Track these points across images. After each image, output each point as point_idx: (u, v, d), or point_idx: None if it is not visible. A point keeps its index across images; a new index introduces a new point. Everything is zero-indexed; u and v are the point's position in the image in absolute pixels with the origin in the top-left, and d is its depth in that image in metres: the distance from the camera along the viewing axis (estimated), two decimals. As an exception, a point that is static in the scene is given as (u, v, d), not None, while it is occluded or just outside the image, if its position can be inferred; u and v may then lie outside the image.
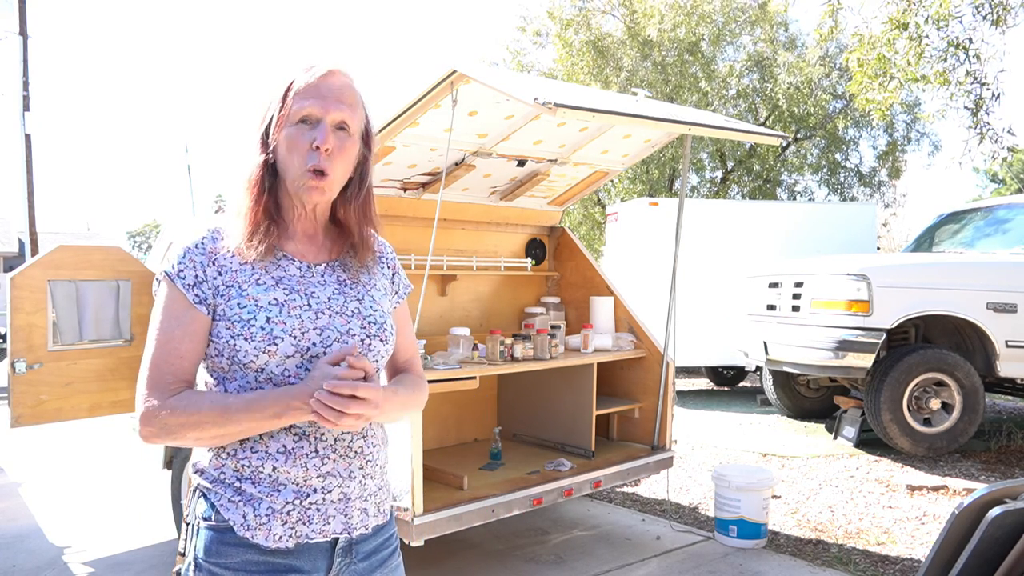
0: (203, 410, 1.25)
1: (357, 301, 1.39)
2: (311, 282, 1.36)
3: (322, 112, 1.30)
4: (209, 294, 1.30)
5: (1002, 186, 24.33)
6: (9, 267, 27.26)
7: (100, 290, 4.07)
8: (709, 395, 9.49)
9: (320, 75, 1.31)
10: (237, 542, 1.28)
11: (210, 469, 1.33)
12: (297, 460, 1.30)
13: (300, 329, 1.30)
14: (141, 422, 1.26)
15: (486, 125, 3.81)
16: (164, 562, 3.99)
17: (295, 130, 1.30)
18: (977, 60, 6.58)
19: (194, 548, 1.31)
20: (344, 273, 1.41)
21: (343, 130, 1.33)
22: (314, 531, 1.31)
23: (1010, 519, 1.74)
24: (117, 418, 4.42)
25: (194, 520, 1.32)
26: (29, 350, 3.84)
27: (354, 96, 1.35)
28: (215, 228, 1.35)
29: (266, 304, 1.29)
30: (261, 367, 1.28)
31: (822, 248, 8.40)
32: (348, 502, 1.35)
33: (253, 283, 1.31)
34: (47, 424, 3.99)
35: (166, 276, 1.31)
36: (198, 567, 1.29)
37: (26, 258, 12.06)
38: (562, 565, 3.86)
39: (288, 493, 1.29)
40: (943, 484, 5.04)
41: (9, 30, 12.34)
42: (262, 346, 1.27)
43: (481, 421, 4.60)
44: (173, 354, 1.28)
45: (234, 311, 1.29)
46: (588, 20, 13.88)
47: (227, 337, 1.28)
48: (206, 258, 1.31)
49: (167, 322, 1.29)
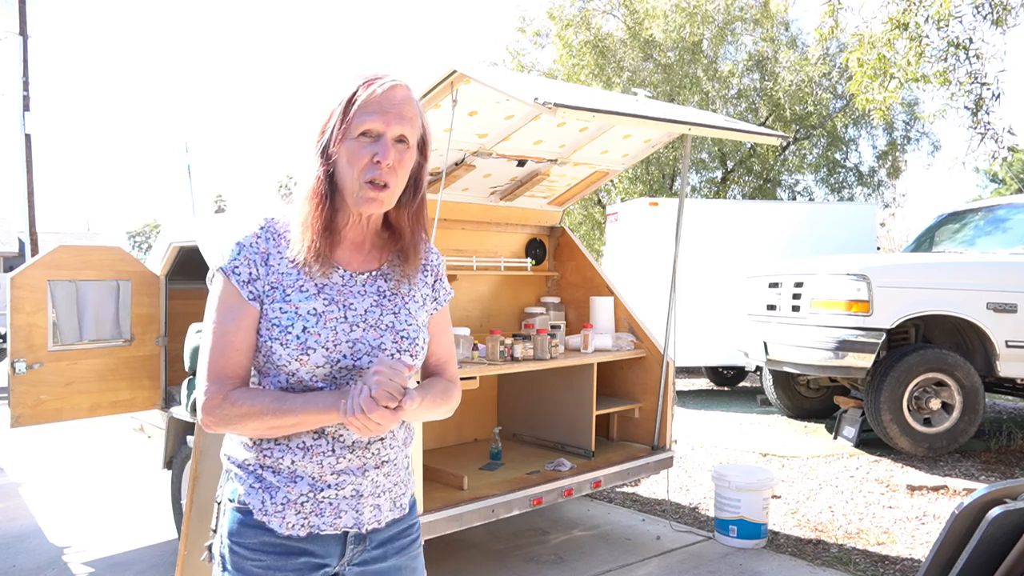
0: (264, 402, 1.31)
1: (393, 315, 1.42)
2: (351, 292, 1.40)
3: (384, 127, 1.33)
4: (260, 291, 1.36)
5: (1002, 186, 24.33)
6: (9, 267, 27.27)
7: (100, 290, 4.07)
8: (709, 395, 9.49)
9: (383, 91, 1.33)
10: (256, 524, 1.36)
11: (237, 456, 1.41)
12: (314, 457, 1.36)
13: (333, 341, 1.35)
14: (203, 412, 1.33)
15: (486, 125, 3.81)
16: (164, 562, 3.99)
17: (356, 143, 1.33)
18: (977, 60, 6.58)
19: (222, 526, 1.40)
20: (385, 283, 1.45)
21: (402, 143, 1.36)
22: (325, 523, 1.38)
23: (1010, 519, 1.74)
24: (117, 418, 4.43)
25: (223, 500, 1.42)
26: (29, 350, 3.84)
27: (414, 109, 1.38)
28: (267, 224, 1.39)
29: (305, 313, 1.35)
30: (292, 372, 1.35)
31: (822, 248, 8.39)
32: (360, 499, 1.40)
33: (296, 289, 1.36)
34: (47, 424, 3.99)
35: (221, 271, 1.36)
36: (224, 544, 1.39)
37: (26, 258, 12.07)
38: (562, 565, 3.86)
39: (303, 486, 1.36)
40: (943, 484, 5.04)
41: (9, 30, 12.34)
42: (295, 354, 1.33)
43: (481, 421, 4.60)
44: (229, 347, 1.34)
45: (275, 314, 1.35)
46: (588, 20, 13.87)
47: (265, 337, 1.35)
48: (259, 256, 1.37)
49: (222, 316, 1.35)
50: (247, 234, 1.38)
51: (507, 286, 4.75)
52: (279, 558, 1.36)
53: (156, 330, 4.32)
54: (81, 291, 4.00)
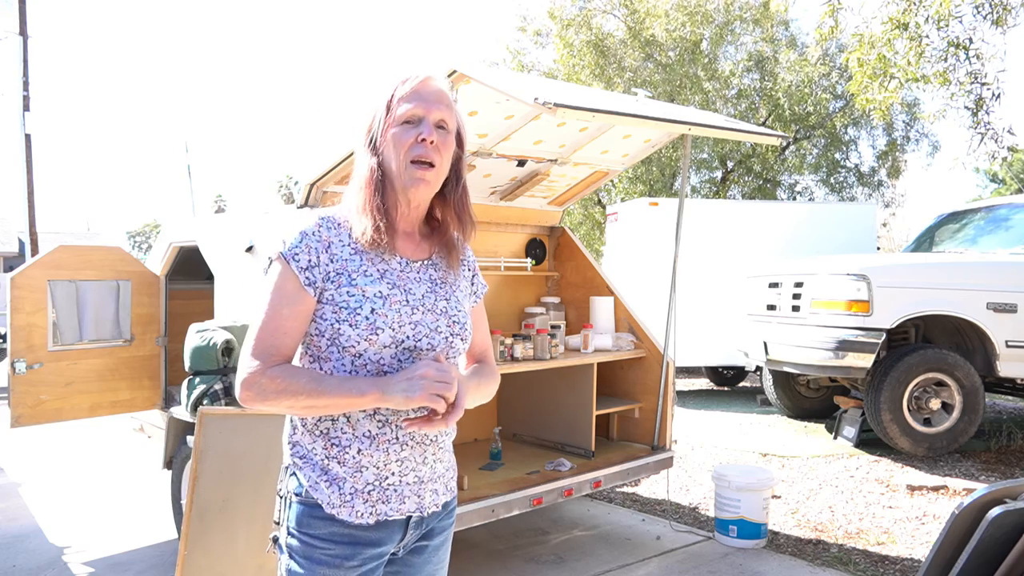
0: (300, 381, 1.36)
1: (445, 301, 1.51)
2: (409, 278, 1.48)
3: (424, 112, 1.44)
4: (319, 278, 1.41)
5: (1002, 186, 24.31)
6: (9, 267, 27.27)
7: (100, 290, 4.07)
8: (709, 395, 9.49)
9: (420, 81, 1.46)
10: (324, 516, 1.42)
11: (304, 444, 1.46)
12: (380, 445, 1.43)
13: (398, 323, 1.42)
14: (242, 386, 1.38)
15: (486, 125, 3.81)
16: (164, 562, 3.99)
17: (400, 129, 1.43)
18: (978, 60, 6.58)
19: (287, 519, 1.46)
20: (436, 272, 1.53)
21: (442, 128, 1.46)
22: (392, 509, 1.45)
23: (1010, 519, 1.74)
24: (117, 418, 4.43)
25: (287, 494, 1.47)
26: (29, 350, 3.84)
27: (449, 99, 1.49)
28: (328, 216, 1.46)
29: (372, 296, 1.42)
30: (360, 352, 1.41)
31: (822, 248, 8.39)
32: (422, 484, 1.49)
33: (361, 274, 1.43)
34: (47, 424, 3.99)
35: (280, 256, 1.42)
36: (291, 535, 1.45)
37: (26, 258, 12.06)
38: (562, 565, 3.86)
39: (369, 475, 1.43)
40: (943, 484, 5.04)
41: (9, 30, 12.35)
42: (364, 334, 1.39)
43: (481, 421, 4.60)
44: (279, 330, 1.39)
45: (343, 298, 1.41)
46: (589, 20, 13.87)
47: (332, 320, 1.40)
48: (320, 245, 1.42)
49: (276, 299, 1.40)
50: (309, 225, 1.44)
51: (507, 286, 4.75)
52: (347, 547, 1.42)
53: (156, 330, 4.32)
54: (81, 291, 4.00)
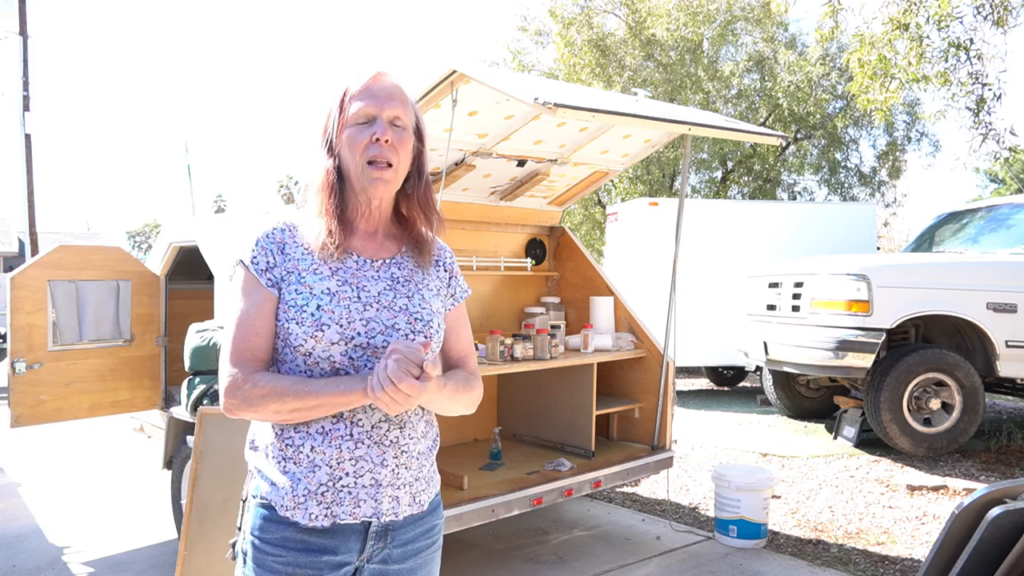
0: (284, 384, 1.35)
1: (407, 298, 1.47)
2: (364, 276, 1.45)
3: (377, 110, 1.42)
4: (278, 278, 1.42)
5: (1002, 186, 24.29)
6: (9, 267, 27.27)
7: (100, 290, 4.07)
8: (709, 395, 9.49)
9: (370, 78, 1.44)
10: (279, 520, 1.39)
11: (261, 446, 1.45)
12: (332, 441, 1.39)
13: (347, 319, 1.39)
14: (225, 395, 1.37)
15: (486, 125, 3.81)
16: (164, 562, 3.99)
17: (355, 130, 1.42)
18: (978, 60, 6.57)
19: (247, 523, 1.43)
20: (399, 271, 1.50)
21: (397, 125, 1.44)
22: (345, 512, 1.39)
23: (1010, 519, 1.74)
24: (117, 418, 4.42)
25: (247, 497, 1.45)
26: (29, 350, 3.84)
27: (403, 94, 1.46)
28: (283, 220, 1.47)
29: (319, 292, 1.40)
30: (308, 351, 1.38)
31: (822, 248, 8.39)
32: (379, 488, 1.41)
33: (311, 272, 1.42)
34: (47, 424, 3.99)
35: (241, 263, 1.43)
36: (247, 541, 1.42)
37: (26, 258, 12.05)
38: (562, 565, 3.86)
39: (322, 475, 1.38)
40: (943, 484, 5.04)
41: (9, 30, 12.34)
42: (310, 331, 1.37)
43: (481, 421, 4.60)
44: (250, 331, 1.39)
45: (291, 296, 1.40)
46: (590, 19, 13.86)
47: (283, 320, 1.40)
48: (276, 246, 1.43)
49: (243, 303, 1.41)
50: (265, 228, 1.45)
51: (507, 286, 4.75)
52: (300, 554, 1.38)
53: (156, 330, 4.32)
54: (81, 291, 4.00)
